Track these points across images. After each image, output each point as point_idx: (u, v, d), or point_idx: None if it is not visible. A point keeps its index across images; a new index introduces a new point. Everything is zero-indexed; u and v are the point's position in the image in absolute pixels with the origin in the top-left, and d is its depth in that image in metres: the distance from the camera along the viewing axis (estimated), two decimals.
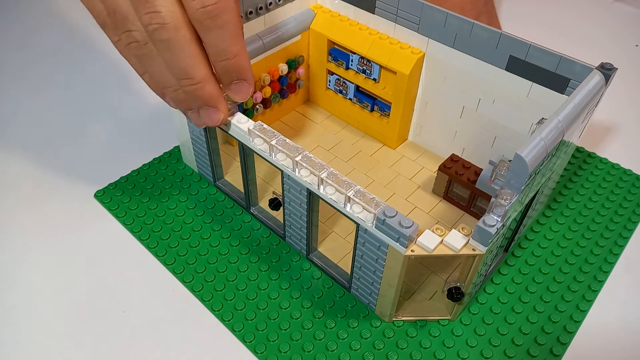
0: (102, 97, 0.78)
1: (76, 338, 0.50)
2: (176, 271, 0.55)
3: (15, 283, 0.54)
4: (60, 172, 0.66)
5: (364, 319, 0.51)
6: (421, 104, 0.66)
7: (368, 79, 0.67)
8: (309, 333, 0.50)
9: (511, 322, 0.52)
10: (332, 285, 0.54)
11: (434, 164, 0.67)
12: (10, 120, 0.74)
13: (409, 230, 0.42)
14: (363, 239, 0.47)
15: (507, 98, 0.57)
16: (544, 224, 0.60)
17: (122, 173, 0.65)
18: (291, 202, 0.52)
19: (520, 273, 0.56)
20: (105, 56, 0.86)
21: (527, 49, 0.53)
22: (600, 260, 0.57)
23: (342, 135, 0.71)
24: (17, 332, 0.50)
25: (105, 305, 0.53)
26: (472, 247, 0.43)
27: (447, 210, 0.62)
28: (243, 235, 0.58)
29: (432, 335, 0.50)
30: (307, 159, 0.47)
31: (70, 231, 0.59)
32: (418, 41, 0.61)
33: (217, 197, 0.62)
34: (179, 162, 0.67)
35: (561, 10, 1.03)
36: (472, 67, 0.58)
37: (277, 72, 0.67)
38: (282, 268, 0.55)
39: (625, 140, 0.74)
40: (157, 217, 0.60)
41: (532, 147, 0.42)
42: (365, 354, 0.49)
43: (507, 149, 0.60)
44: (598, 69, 0.49)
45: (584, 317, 0.52)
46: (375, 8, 0.63)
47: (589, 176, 0.67)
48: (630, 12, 1.03)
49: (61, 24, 0.94)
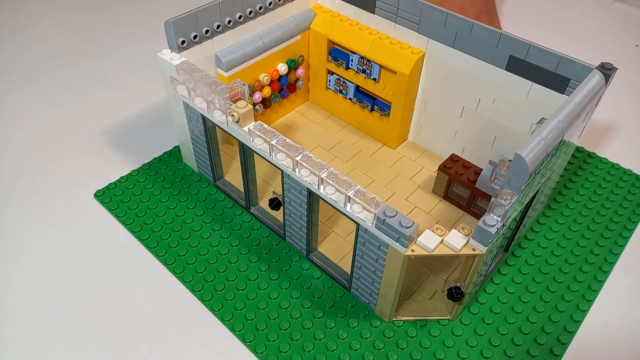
0: (102, 97, 0.78)
1: (76, 338, 0.50)
2: (176, 271, 0.55)
3: (14, 283, 0.54)
4: (60, 171, 0.66)
5: (364, 319, 0.51)
6: (421, 104, 0.66)
7: (368, 79, 0.67)
8: (309, 333, 0.50)
9: (511, 322, 0.52)
10: (332, 285, 0.54)
11: (434, 164, 0.67)
12: (10, 120, 0.74)
13: (409, 230, 0.42)
14: (363, 239, 0.47)
15: (507, 98, 0.57)
16: (544, 223, 0.60)
17: (122, 173, 0.65)
18: (291, 202, 0.52)
19: (520, 273, 0.56)
20: (105, 56, 0.86)
21: (527, 49, 0.53)
22: (600, 260, 0.57)
23: (342, 135, 0.71)
24: (17, 332, 0.50)
25: (105, 305, 0.53)
26: (472, 247, 0.43)
27: (447, 210, 0.62)
28: (243, 235, 0.58)
29: (432, 335, 0.50)
30: (307, 159, 0.47)
31: (70, 231, 0.59)
32: (418, 41, 0.61)
33: (217, 197, 0.62)
34: (179, 162, 0.67)
35: (561, 10, 1.03)
36: (472, 67, 0.58)
37: (277, 72, 0.67)
38: (282, 268, 0.55)
39: (625, 140, 0.74)
40: (157, 217, 0.60)
41: (532, 147, 0.42)
42: (365, 353, 0.49)
43: (507, 149, 0.60)
44: (598, 69, 0.49)
45: (584, 317, 0.52)
46: (375, 8, 0.63)
47: (589, 176, 0.67)
48: (631, 12, 1.03)
49: (61, 23, 0.94)
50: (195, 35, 0.57)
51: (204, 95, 0.54)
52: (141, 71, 0.83)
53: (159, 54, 0.56)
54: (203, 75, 0.52)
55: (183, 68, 0.54)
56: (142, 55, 0.87)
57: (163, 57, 0.55)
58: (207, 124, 0.57)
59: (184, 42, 0.56)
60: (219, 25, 0.59)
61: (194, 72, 0.53)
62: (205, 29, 0.58)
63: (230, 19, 0.59)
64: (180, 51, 0.57)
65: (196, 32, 0.57)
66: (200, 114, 0.56)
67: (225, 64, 0.60)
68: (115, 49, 0.88)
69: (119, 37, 0.91)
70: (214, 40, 0.60)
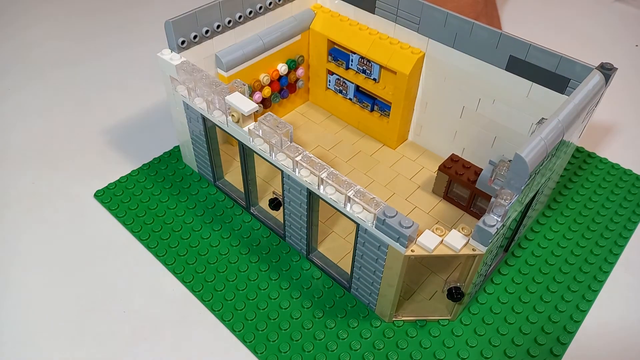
0: (102, 97, 0.78)
1: (76, 338, 0.50)
2: (176, 271, 0.55)
3: (15, 283, 0.54)
4: (60, 171, 0.66)
5: (364, 319, 0.51)
6: (421, 104, 0.66)
7: (368, 79, 0.67)
8: (309, 333, 0.50)
9: (511, 322, 0.52)
10: (332, 285, 0.54)
11: (434, 164, 0.67)
12: (10, 120, 0.74)
13: (409, 230, 0.42)
14: (363, 239, 0.47)
15: (507, 98, 0.57)
16: (544, 224, 0.60)
17: (122, 173, 0.65)
18: (291, 202, 0.52)
19: (520, 273, 0.56)
20: (106, 56, 0.86)
21: (527, 49, 0.53)
22: (600, 260, 0.57)
23: (342, 135, 0.71)
24: (17, 333, 0.50)
25: (105, 305, 0.53)
26: (472, 247, 0.43)
27: (447, 210, 0.62)
28: (243, 235, 0.58)
29: (432, 335, 0.50)
30: (307, 159, 0.47)
31: (70, 231, 0.59)
32: (418, 41, 0.61)
33: (217, 197, 0.62)
34: (178, 162, 0.67)
35: (561, 10, 1.03)
36: (472, 67, 0.58)
37: (277, 72, 0.67)
38: (282, 268, 0.55)
39: (625, 140, 0.74)
40: (157, 217, 0.60)
41: (532, 147, 0.42)
42: (365, 354, 0.49)
43: (507, 149, 0.60)
44: (598, 69, 0.49)
45: (584, 317, 0.52)
46: (375, 8, 0.63)
47: (589, 176, 0.67)
48: (631, 12, 1.03)
49: (61, 23, 0.94)
50: (195, 35, 0.57)
51: (204, 96, 0.54)
52: (141, 71, 0.83)
53: (159, 54, 0.55)
54: (203, 76, 0.52)
55: (183, 68, 0.54)
56: (142, 55, 0.87)
57: (163, 57, 0.55)
58: (207, 124, 0.57)
59: (184, 42, 0.56)
60: (219, 25, 0.59)
61: (194, 72, 0.53)
62: (205, 29, 0.58)
63: (230, 19, 0.59)
64: (180, 51, 0.57)
65: (196, 32, 0.57)
66: (200, 114, 0.56)
67: (225, 64, 0.60)
68: (115, 49, 0.88)
69: (119, 38, 0.91)
70: (214, 40, 0.60)
